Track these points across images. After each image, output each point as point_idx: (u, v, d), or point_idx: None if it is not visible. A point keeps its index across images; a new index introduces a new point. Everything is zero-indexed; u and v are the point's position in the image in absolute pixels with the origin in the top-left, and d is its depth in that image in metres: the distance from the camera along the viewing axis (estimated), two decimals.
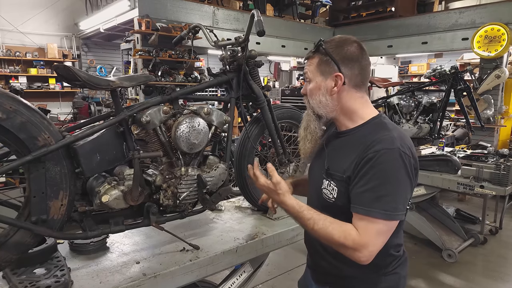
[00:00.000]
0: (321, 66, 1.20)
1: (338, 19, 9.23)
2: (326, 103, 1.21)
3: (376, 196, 1.05)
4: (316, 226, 1.11)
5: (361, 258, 1.05)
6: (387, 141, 1.08)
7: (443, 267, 3.60)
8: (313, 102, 1.23)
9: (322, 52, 1.19)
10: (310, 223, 1.13)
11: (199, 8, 6.47)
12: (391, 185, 1.05)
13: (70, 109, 8.21)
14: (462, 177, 3.60)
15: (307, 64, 1.25)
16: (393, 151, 1.06)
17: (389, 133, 1.12)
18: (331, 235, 1.08)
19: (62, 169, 1.27)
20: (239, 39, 1.75)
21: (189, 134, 1.52)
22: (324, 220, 1.11)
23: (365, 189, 1.07)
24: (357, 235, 1.05)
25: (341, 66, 1.17)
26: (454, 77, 4.03)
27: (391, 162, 1.06)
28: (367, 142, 1.11)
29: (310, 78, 1.24)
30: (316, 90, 1.22)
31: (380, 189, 1.05)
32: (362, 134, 1.17)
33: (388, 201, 1.05)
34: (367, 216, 1.06)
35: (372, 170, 1.07)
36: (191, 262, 1.54)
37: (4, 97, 1.15)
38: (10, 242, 1.22)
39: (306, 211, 1.15)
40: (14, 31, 7.90)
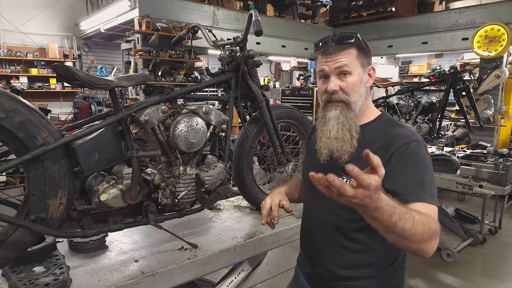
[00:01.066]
0: (361, 57, 1.15)
1: (338, 19, 9.24)
2: (363, 97, 1.18)
3: (420, 183, 1.03)
4: (415, 218, 0.90)
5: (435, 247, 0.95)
6: (410, 135, 1.12)
7: (442, 267, 3.61)
8: (355, 95, 1.14)
9: (359, 43, 1.14)
10: (409, 216, 0.89)
11: (199, 8, 6.49)
12: (427, 172, 1.07)
13: (70, 109, 8.23)
14: (461, 177, 3.61)
15: (342, 55, 1.13)
16: (419, 143, 1.10)
17: (406, 128, 1.16)
18: (429, 224, 0.92)
19: (61, 168, 1.28)
20: (238, 39, 1.76)
21: (188, 134, 1.53)
22: (412, 211, 0.92)
23: (407, 179, 1.04)
24: (434, 220, 0.95)
25: (371, 60, 1.19)
26: (453, 77, 4.04)
27: (422, 152, 1.09)
28: (393, 138, 1.11)
29: (350, 71, 1.13)
30: (358, 82, 1.14)
31: (421, 177, 1.05)
32: (378, 130, 1.17)
33: (430, 187, 1.04)
34: (420, 202, 0.99)
35: (407, 160, 1.07)
36: (189, 261, 1.55)
37: (4, 96, 1.16)
38: (9, 240, 1.23)
39: (400, 205, 0.89)
40: (15, 31, 7.93)
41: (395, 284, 1.23)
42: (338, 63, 1.13)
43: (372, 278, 1.19)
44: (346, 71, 1.13)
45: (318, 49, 1.18)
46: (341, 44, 1.13)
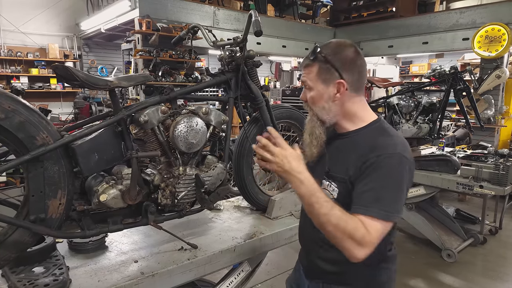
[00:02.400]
0: (322, 74, 1.19)
1: (339, 19, 9.23)
2: (329, 109, 1.21)
3: (377, 197, 1.07)
4: (332, 211, 1.03)
5: (360, 255, 1.03)
6: (389, 146, 1.11)
7: (443, 267, 3.60)
8: (316, 109, 1.22)
9: (321, 59, 1.18)
10: (327, 206, 1.04)
11: (200, 8, 6.48)
12: (390, 187, 1.08)
13: (71, 109, 8.23)
14: (462, 177, 3.60)
15: (305, 72, 1.23)
16: (394, 156, 1.09)
17: (391, 138, 1.15)
18: (345, 223, 1.02)
19: (60, 168, 1.28)
20: (237, 39, 1.76)
21: (187, 134, 1.53)
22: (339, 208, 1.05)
23: (366, 189, 1.08)
24: (367, 232, 1.02)
25: (342, 73, 1.17)
26: (453, 77, 4.02)
27: (392, 166, 1.09)
28: (370, 146, 1.13)
29: (310, 87, 1.21)
30: (318, 98, 1.21)
31: (380, 191, 1.07)
32: (364, 137, 1.19)
33: (387, 203, 1.07)
34: (370, 216, 1.05)
35: (374, 172, 1.08)
36: (189, 261, 1.55)
37: (3, 97, 1.16)
38: (9, 241, 1.24)
39: (324, 194, 1.06)
40: (15, 31, 7.92)
41: (379, 283, 1.26)
42: (302, 78, 1.24)
43: (354, 275, 1.23)
44: (307, 86, 1.22)
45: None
46: (307, 60, 1.21)
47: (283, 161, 1.08)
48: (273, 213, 2.07)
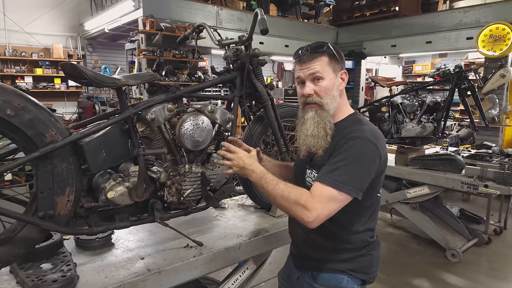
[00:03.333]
0: (332, 64, 1.29)
1: (341, 19, 9.22)
2: (337, 99, 1.32)
3: (332, 169, 1.21)
4: (278, 185, 1.22)
5: (308, 218, 1.16)
6: (358, 131, 1.24)
7: (447, 267, 3.59)
8: (328, 98, 1.29)
9: (330, 51, 1.29)
10: (273, 182, 1.24)
11: (203, 8, 6.50)
12: (347, 162, 1.19)
13: (75, 108, 8.26)
14: (466, 177, 3.59)
15: (314, 63, 1.28)
16: (360, 138, 1.22)
17: (363, 126, 1.28)
18: (289, 193, 1.20)
19: (68, 165, 1.29)
20: (243, 37, 1.76)
21: (193, 132, 1.54)
22: (284, 183, 1.24)
23: (327, 166, 1.23)
24: (310, 196, 1.18)
25: (343, 65, 1.33)
26: (458, 76, 4.01)
27: (354, 145, 1.21)
28: (342, 134, 1.26)
29: (322, 76, 1.28)
30: (331, 86, 1.29)
31: (336, 164, 1.21)
32: (342, 128, 1.30)
33: (340, 174, 1.18)
34: (319, 183, 1.19)
35: (337, 151, 1.23)
36: (194, 258, 1.56)
37: (13, 94, 1.17)
38: (18, 237, 1.25)
39: (271, 174, 1.28)
40: (20, 31, 7.98)
41: (361, 269, 1.34)
42: (311, 69, 1.29)
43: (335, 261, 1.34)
44: (319, 76, 1.28)
45: (295, 58, 1.34)
46: (314, 53, 1.29)
47: (238, 161, 1.31)
48: (277, 212, 2.08)
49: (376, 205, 1.35)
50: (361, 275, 1.35)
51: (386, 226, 4.67)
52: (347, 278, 1.33)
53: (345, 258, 1.33)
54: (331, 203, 1.17)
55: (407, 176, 3.99)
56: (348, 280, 1.33)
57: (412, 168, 3.95)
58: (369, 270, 1.37)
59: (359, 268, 1.34)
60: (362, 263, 1.34)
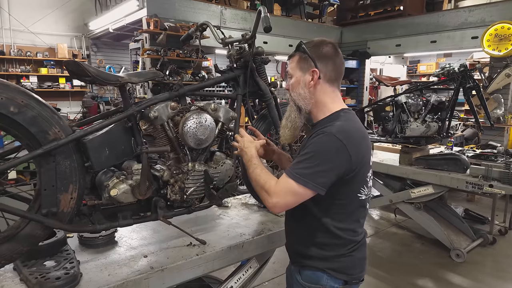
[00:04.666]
0: (300, 63, 1.36)
1: (346, 18, 9.19)
2: (305, 96, 1.35)
3: (296, 162, 1.27)
4: (255, 170, 1.33)
5: (268, 204, 1.26)
6: (328, 127, 1.26)
7: (451, 267, 3.56)
8: (294, 95, 1.37)
9: (302, 50, 1.35)
10: (254, 167, 1.34)
11: (207, 8, 6.51)
12: (309, 157, 1.23)
13: (79, 108, 8.30)
14: (471, 176, 3.55)
15: (289, 62, 1.40)
16: (327, 135, 1.23)
17: (335, 122, 1.28)
18: (260, 177, 1.30)
19: (72, 163, 1.29)
20: (246, 35, 1.76)
21: (196, 130, 1.54)
22: (263, 169, 1.33)
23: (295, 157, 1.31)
24: (273, 185, 1.26)
25: (317, 63, 1.32)
26: (463, 75, 3.98)
27: (319, 141, 1.24)
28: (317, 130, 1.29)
29: (291, 74, 1.39)
30: (296, 84, 1.36)
31: (299, 158, 1.25)
32: (320, 125, 1.32)
33: (301, 167, 1.22)
34: (284, 174, 1.26)
35: (305, 145, 1.28)
36: (197, 257, 1.56)
37: (16, 91, 1.18)
38: (21, 235, 1.25)
39: (258, 159, 1.38)
40: (25, 31, 8.02)
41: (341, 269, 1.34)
42: (287, 68, 1.43)
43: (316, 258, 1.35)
44: (289, 74, 1.40)
45: None
46: (293, 52, 1.39)
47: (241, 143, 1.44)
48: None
49: (356, 206, 1.32)
50: (341, 275, 1.34)
51: (390, 226, 4.65)
52: (326, 277, 1.33)
53: (324, 256, 1.34)
54: (290, 195, 1.23)
55: (411, 176, 3.96)
56: (327, 279, 1.33)
57: (417, 168, 3.92)
58: (351, 271, 1.35)
59: (339, 268, 1.33)
60: (342, 263, 1.33)
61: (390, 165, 4.14)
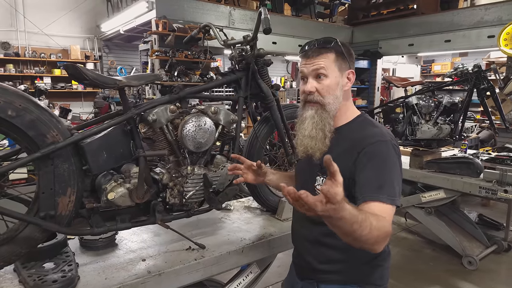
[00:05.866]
0: (339, 62, 1.22)
1: (357, 18, 9.07)
2: (340, 100, 1.25)
3: (379, 184, 1.09)
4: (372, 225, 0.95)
5: (384, 246, 1.01)
6: (378, 135, 1.18)
7: (463, 275, 3.46)
8: (330, 98, 1.22)
9: (338, 48, 1.22)
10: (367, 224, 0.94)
11: (215, 9, 6.51)
12: (388, 172, 1.13)
13: (91, 108, 8.43)
14: (485, 181, 3.44)
15: (320, 59, 1.21)
16: (386, 143, 1.16)
17: (378, 128, 1.22)
18: (384, 228, 0.98)
19: (70, 166, 1.29)
20: (248, 37, 1.74)
21: (195, 133, 1.52)
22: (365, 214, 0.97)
23: (368, 178, 1.11)
24: (385, 220, 1.01)
25: (350, 64, 1.25)
26: (476, 76, 3.87)
27: (386, 153, 1.15)
28: (360, 137, 1.19)
29: (326, 74, 1.21)
30: (334, 85, 1.22)
31: (380, 177, 1.11)
32: (353, 130, 1.25)
33: (389, 187, 1.10)
34: (378, 202, 1.06)
35: (370, 161, 1.13)
36: (196, 261, 1.54)
37: (14, 95, 1.18)
38: (20, 237, 1.26)
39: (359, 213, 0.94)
40: (39, 33, 8.20)
41: (371, 280, 1.27)
42: (315, 65, 1.21)
43: (346, 272, 1.26)
44: (323, 73, 1.21)
45: (301, 53, 1.28)
46: (321, 48, 1.22)
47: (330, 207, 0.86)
48: (283, 215, 2.05)
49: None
50: (370, 287, 1.28)
51: (400, 230, 4.55)
52: None
53: (355, 269, 1.25)
54: (391, 221, 1.07)
55: (422, 180, 3.87)
56: None
57: (427, 171, 3.83)
58: (379, 282, 1.29)
59: (369, 280, 1.27)
60: (373, 274, 1.27)
61: None
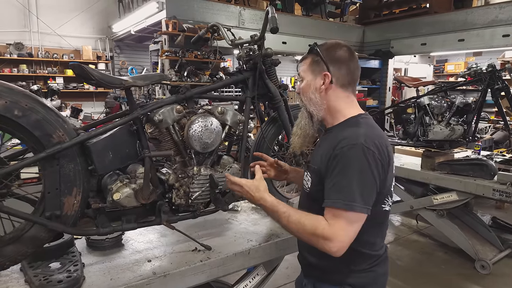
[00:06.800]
0: (312, 65, 1.29)
1: (368, 17, 8.98)
2: (316, 101, 1.28)
3: (338, 189, 1.13)
4: (290, 218, 1.17)
5: (332, 249, 1.10)
6: (351, 137, 1.16)
7: (476, 279, 3.38)
8: (305, 99, 1.31)
9: (314, 53, 1.28)
10: (285, 216, 1.18)
11: (225, 9, 6.51)
12: (350, 177, 1.12)
13: (103, 108, 8.52)
14: (499, 183, 3.35)
15: (301, 65, 1.34)
16: (355, 146, 1.13)
17: (357, 129, 1.19)
18: (303, 225, 1.14)
19: (76, 166, 1.29)
20: (255, 37, 1.72)
21: (202, 134, 1.51)
22: (298, 213, 1.18)
23: (331, 184, 1.15)
24: (326, 225, 1.11)
25: (330, 66, 1.25)
26: (491, 76, 3.78)
27: (353, 157, 1.13)
28: (338, 139, 1.18)
29: (302, 77, 1.32)
30: (307, 87, 1.29)
31: (341, 182, 1.13)
32: (336, 131, 1.25)
33: (347, 192, 1.11)
34: (332, 207, 1.13)
35: (337, 166, 1.15)
36: (201, 263, 1.53)
37: (20, 95, 1.18)
38: (26, 237, 1.26)
39: (282, 206, 1.21)
40: (52, 34, 8.33)
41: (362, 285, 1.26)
42: (298, 70, 1.36)
43: (337, 272, 1.26)
44: (301, 77, 1.32)
45: None
46: (306, 53, 1.32)
47: (247, 195, 1.28)
48: None
49: (380, 218, 1.24)
50: None
51: (411, 233, 4.47)
52: None
53: (344, 271, 1.25)
54: (350, 229, 1.10)
55: (433, 181, 3.79)
56: None
57: (439, 173, 3.75)
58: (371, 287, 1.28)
59: (359, 284, 1.25)
60: (363, 279, 1.25)
61: (411, 170, 3.98)
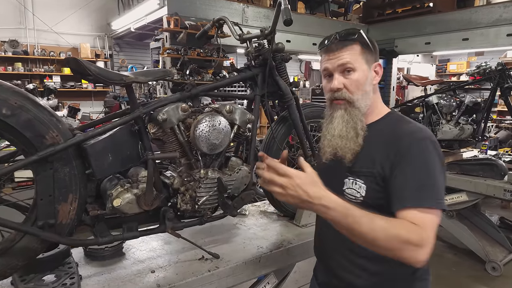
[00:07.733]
0: (365, 54, 1.12)
1: (372, 16, 8.86)
2: (370, 95, 1.14)
3: (421, 185, 0.98)
4: (374, 224, 0.89)
5: (423, 257, 0.89)
6: (417, 132, 1.06)
7: (487, 281, 3.28)
8: (359, 93, 1.12)
9: (363, 40, 1.12)
10: (367, 220, 0.89)
11: (229, 6, 6.39)
12: (431, 173, 1.00)
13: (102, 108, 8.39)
14: (509, 183, 3.26)
15: (344, 52, 1.10)
16: (425, 141, 1.03)
17: (414, 125, 1.10)
18: (396, 230, 0.89)
19: (71, 170, 1.17)
20: (265, 31, 1.60)
21: (209, 134, 1.39)
22: (378, 217, 0.91)
23: (408, 180, 1.00)
24: (422, 229, 0.91)
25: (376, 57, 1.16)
26: (500, 74, 3.69)
27: (427, 151, 1.02)
28: (395, 135, 1.07)
29: (354, 67, 1.10)
30: (363, 79, 1.11)
31: (423, 178, 0.99)
32: (384, 127, 1.13)
33: (433, 189, 0.98)
34: (420, 207, 0.95)
35: (410, 161, 1.01)
36: (209, 273, 1.41)
37: (9, 91, 1.07)
38: (16, 248, 1.15)
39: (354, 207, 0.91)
40: (49, 31, 8.18)
41: None
42: (341, 60, 1.11)
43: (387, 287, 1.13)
44: (350, 68, 1.11)
45: (321, 48, 1.16)
46: (344, 41, 1.11)
47: (298, 191, 0.89)
48: (302, 220, 1.91)
49: None
50: None
51: None
52: None
53: (399, 284, 1.12)
54: (435, 228, 0.95)
55: None
56: None
57: (449, 173, 3.64)
58: None
59: None
60: None
61: None
